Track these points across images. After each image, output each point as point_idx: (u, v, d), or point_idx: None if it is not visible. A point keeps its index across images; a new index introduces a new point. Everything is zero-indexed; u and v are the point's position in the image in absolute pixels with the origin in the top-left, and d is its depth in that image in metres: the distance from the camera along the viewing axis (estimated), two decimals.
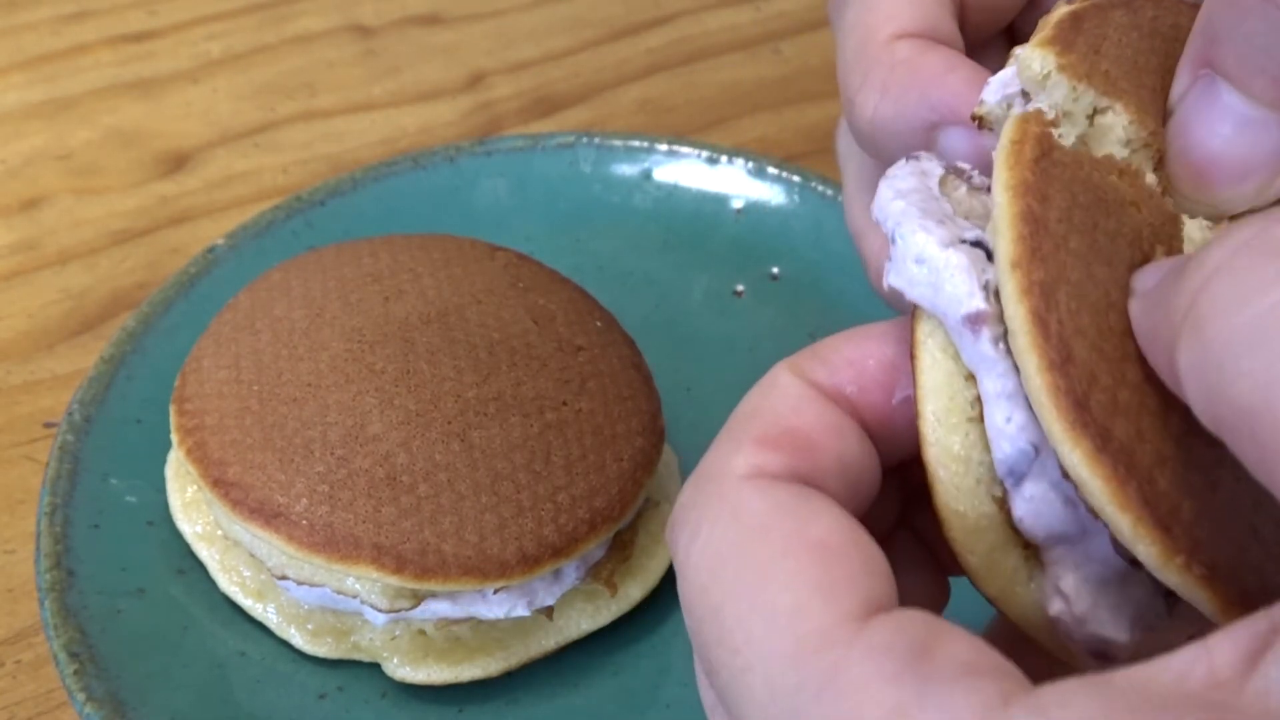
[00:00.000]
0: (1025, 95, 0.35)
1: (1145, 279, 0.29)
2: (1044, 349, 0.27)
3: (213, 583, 0.48)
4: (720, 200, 0.63)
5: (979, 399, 0.29)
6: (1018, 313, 0.28)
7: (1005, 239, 0.29)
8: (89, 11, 0.78)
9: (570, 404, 0.47)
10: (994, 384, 0.29)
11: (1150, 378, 0.28)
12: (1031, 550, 0.30)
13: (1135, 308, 0.28)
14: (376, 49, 0.77)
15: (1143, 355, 0.28)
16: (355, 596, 0.44)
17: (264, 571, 0.47)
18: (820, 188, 0.62)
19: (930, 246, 0.30)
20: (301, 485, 0.44)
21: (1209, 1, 0.33)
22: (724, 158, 0.64)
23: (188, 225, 0.66)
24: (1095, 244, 0.29)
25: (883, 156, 0.38)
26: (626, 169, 0.64)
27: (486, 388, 0.47)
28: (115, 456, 0.50)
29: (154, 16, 0.78)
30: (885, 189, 0.32)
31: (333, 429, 0.45)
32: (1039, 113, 0.31)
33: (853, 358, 0.31)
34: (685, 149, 0.64)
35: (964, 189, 0.33)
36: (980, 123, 0.36)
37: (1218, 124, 0.32)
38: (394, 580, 0.43)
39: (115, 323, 0.60)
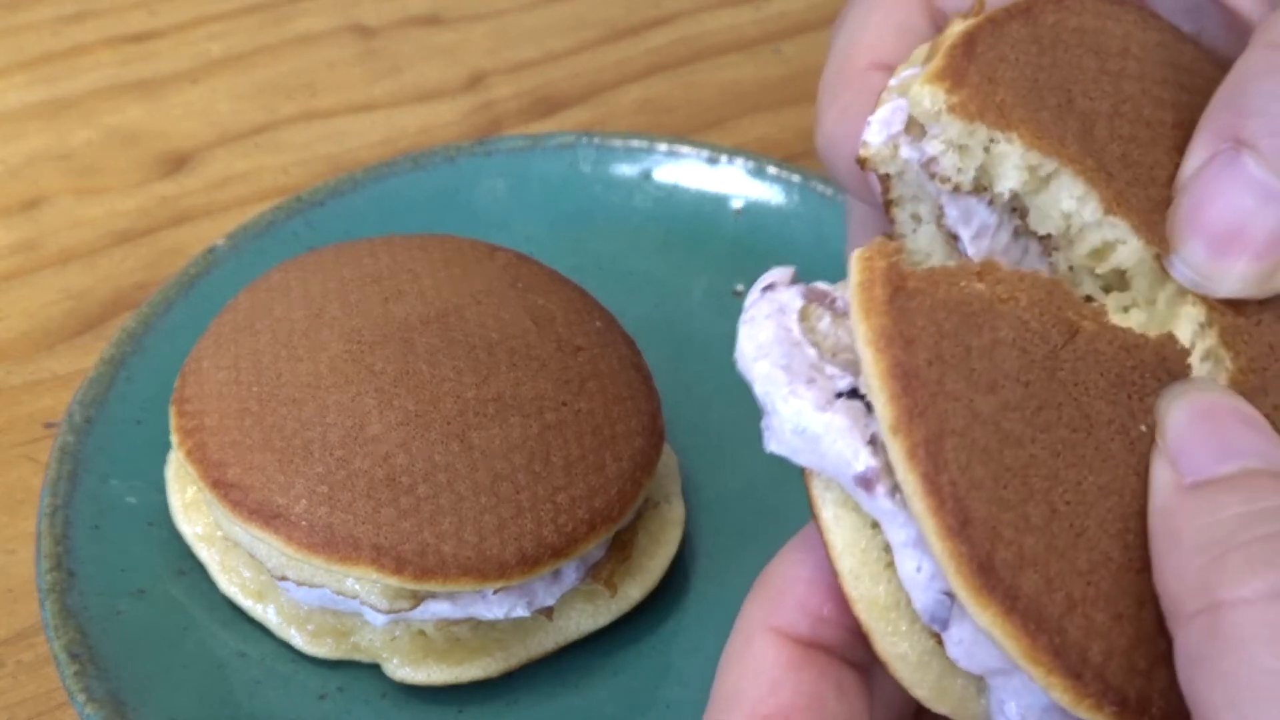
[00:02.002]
0: (913, 129, 0.35)
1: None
2: (940, 514, 0.27)
3: (213, 584, 0.48)
4: (720, 200, 0.63)
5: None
6: (908, 480, 0.28)
7: (879, 400, 0.28)
8: (89, 11, 0.78)
9: (570, 404, 0.47)
10: (898, 534, 0.29)
11: (1057, 514, 0.28)
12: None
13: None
14: (376, 49, 0.77)
15: (1048, 490, 0.28)
16: (355, 597, 0.45)
17: (264, 572, 0.47)
18: (820, 188, 0.62)
19: (805, 414, 0.29)
20: (301, 486, 0.44)
21: (1242, 72, 0.32)
22: (724, 158, 0.64)
23: (188, 225, 0.66)
24: (973, 374, 0.28)
25: (836, 176, 0.39)
26: (626, 169, 0.64)
27: (486, 388, 0.47)
28: (115, 457, 0.50)
29: (154, 16, 0.78)
30: (745, 341, 0.31)
31: (332, 430, 0.45)
32: (882, 243, 0.30)
33: (800, 593, 0.32)
34: (685, 149, 0.64)
35: (827, 319, 0.31)
36: (864, 164, 0.35)
37: (1242, 196, 0.31)
38: (394, 581, 0.43)
39: (115, 323, 0.60)
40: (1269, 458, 0.28)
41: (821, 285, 0.32)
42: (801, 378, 0.29)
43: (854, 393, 0.29)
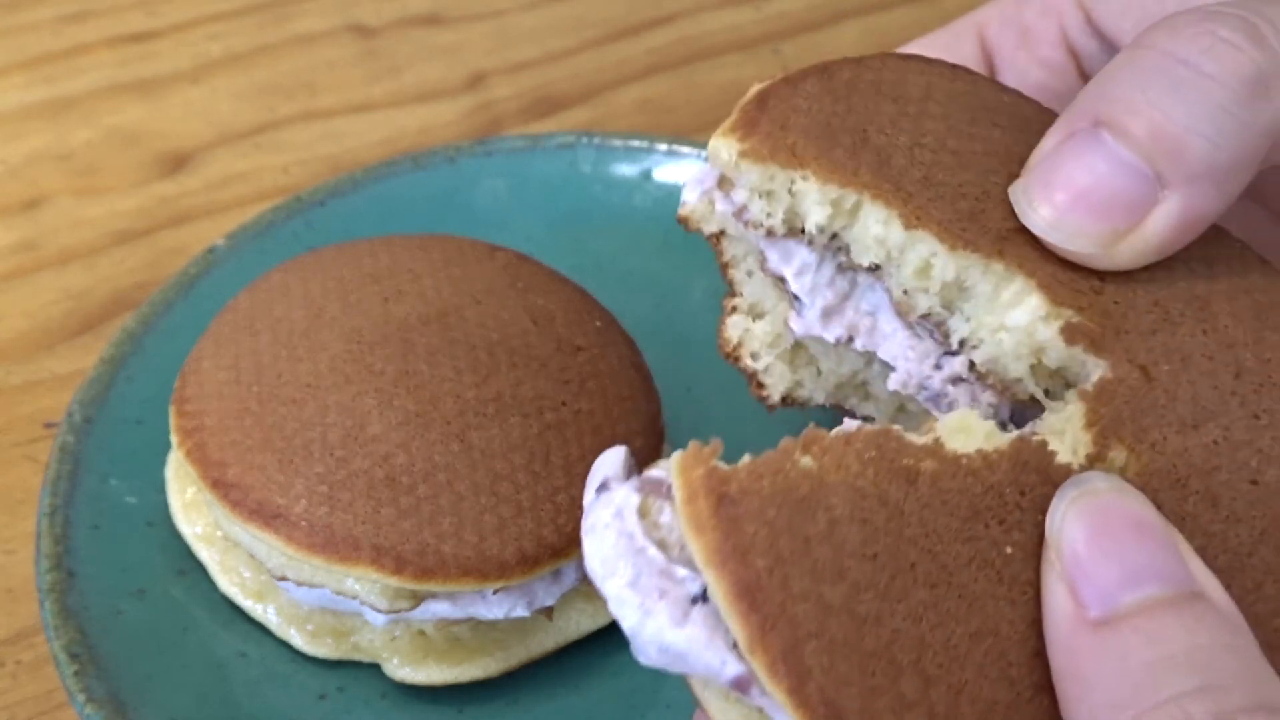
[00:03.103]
0: (724, 185, 0.36)
1: None
2: None
3: (213, 584, 0.48)
4: None
5: None
6: (776, 692, 0.28)
7: (731, 622, 0.28)
8: (89, 12, 0.78)
9: (570, 404, 0.47)
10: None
11: (932, 680, 0.28)
12: None
13: None
14: (376, 49, 0.77)
15: (917, 660, 0.28)
16: (355, 597, 0.44)
17: (264, 572, 0.47)
18: None
19: (665, 632, 0.29)
20: (301, 486, 0.44)
21: (1107, 68, 0.34)
22: None
23: (188, 225, 0.66)
24: (816, 565, 0.28)
25: None
26: (626, 169, 0.64)
27: (486, 388, 0.47)
28: (115, 457, 0.50)
29: (154, 17, 0.78)
30: (591, 555, 0.31)
31: (332, 430, 0.45)
32: (695, 449, 0.30)
33: None
34: (685, 149, 0.64)
35: (667, 511, 0.31)
36: (686, 224, 0.37)
37: (1095, 161, 0.33)
38: (393, 581, 0.43)
39: (115, 323, 0.60)
40: (1167, 577, 0.29)
41: (656, 473, 0.31)
42: (653, 592, 0.29)
43: (707, 594, 0.29)
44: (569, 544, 0.45)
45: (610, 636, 0.48)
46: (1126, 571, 0.29)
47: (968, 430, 0.31)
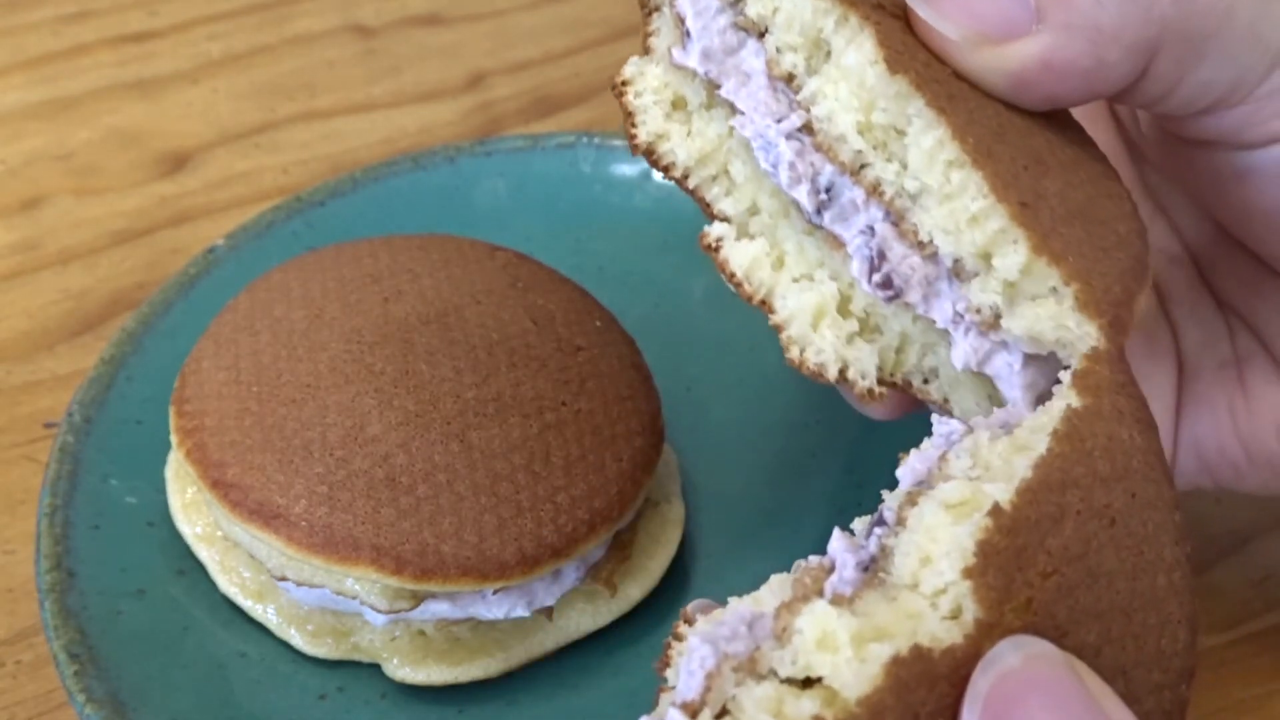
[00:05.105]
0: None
1: None
2: None
3: (213, 584, 0.48)
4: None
5: None
6: None
7: None
8: (89, 12, 0.78)
9: (569, 404, 0.47)
10: None
11: None
12: None
13: None
14: (376, 49, 0.77)
15: None
16: (355, 597, 0.44)
17: (264, 572, 0.47)
18: None
19: None
20: (301, 486, 0.44)
21: None
22: None
23: (188, 225, 0.66)
24: None
25: None
26: (626, 169, 0.64)
27: (486, 388, 0.47)
28: (115, 457, 0.50)
29: (154, 17, 0.78)
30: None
31: (332, 430, 0.45)
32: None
33: None
34: None
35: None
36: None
37: None
38: (393, 581, 0.43)
39: (115, 323, 0.60)
40: None
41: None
42: None
43: None
44: (569, 544, 0.45)
45: (610, 636, 0.48)
46: None
47: (830, 645, 0.29)
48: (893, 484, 0.34)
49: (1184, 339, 0.44)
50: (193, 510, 0.49)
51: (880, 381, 0.39)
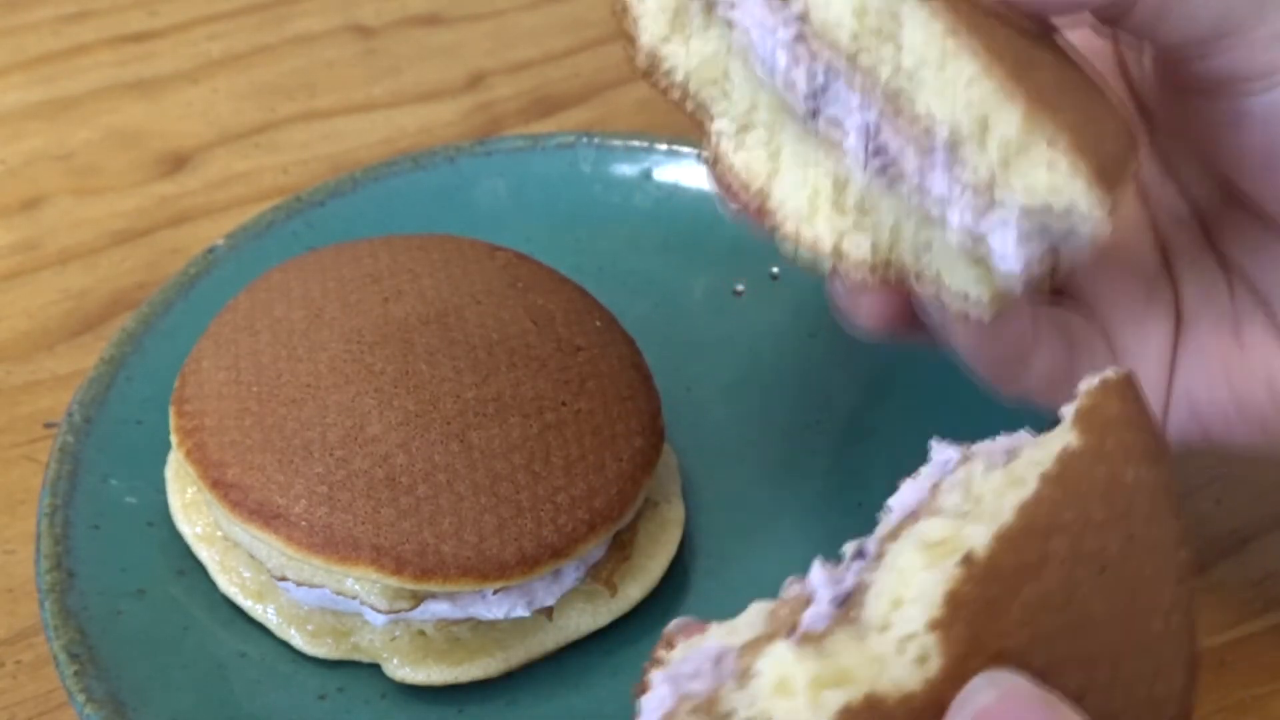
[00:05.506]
0: None
1: None
2: None
3: (213, 584, 0.48)
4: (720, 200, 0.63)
5: None
6: None
7: None
8: (89, 11, 0.78)
9: (569, 404, 0.47)
10: None
11: None
12: None
13: None
14: (376, 49, 0.77)
15: None
16: (355, 597, 0.45)
17: (264, 572, 0.47)
18: None
19: None
20: (301, 486, 0.44)
21: None
22: None
23: (188, 225, 0.66)
24: None
25: None
26: (626, 169, 0.64)
27: (486, 388, 0.47)
28: (115, 457, 0.50)
29: (154, 16, 0.78)
30: None
31: (332, 430, 0.45)
32: None
33: None
34: (685, 149, 0.64)
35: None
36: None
37: None
38: (393, 581, 0.43)
39: (115, 323, 0.60)
40: None
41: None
42: None
43: None
44: (569, 544, 0.45)
45: (610, 636, 0.48)
46: None
47: (787, 690, 0.29)
48: (893, 485, 0.34)
49: (1184, 292, 0.45)
50: (193, 510, 0.49)
51: (873, 270, 0.39)
